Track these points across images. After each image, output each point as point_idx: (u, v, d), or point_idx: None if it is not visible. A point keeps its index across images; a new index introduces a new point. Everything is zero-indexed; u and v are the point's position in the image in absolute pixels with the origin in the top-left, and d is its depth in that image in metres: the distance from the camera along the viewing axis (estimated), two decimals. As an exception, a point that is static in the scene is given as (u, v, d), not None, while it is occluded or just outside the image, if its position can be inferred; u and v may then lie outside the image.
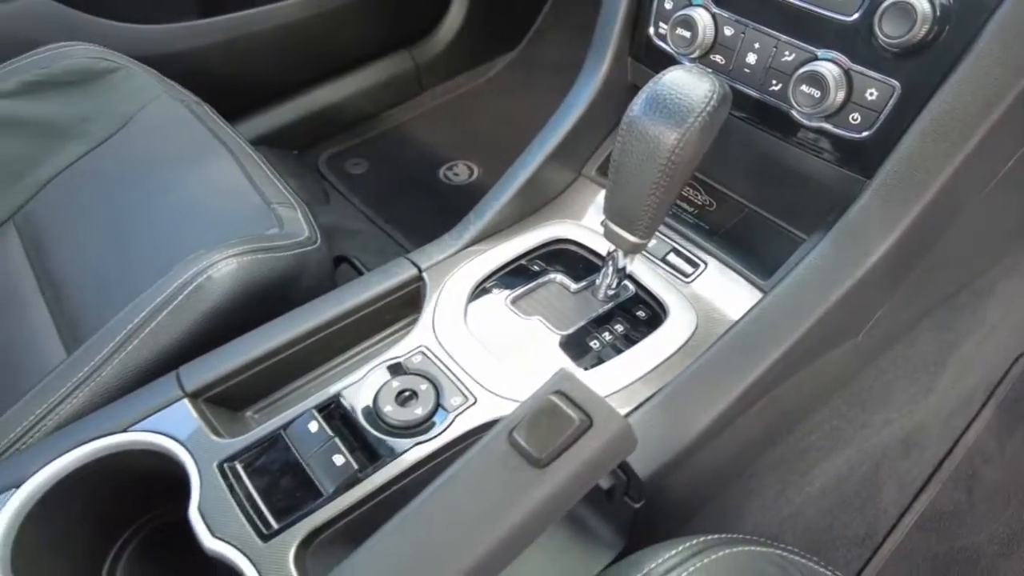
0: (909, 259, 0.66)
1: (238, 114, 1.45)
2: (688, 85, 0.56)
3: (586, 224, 0.79)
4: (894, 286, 0.69)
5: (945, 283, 0.94)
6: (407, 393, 0.60)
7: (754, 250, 0.74)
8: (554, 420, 0.40)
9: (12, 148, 1.02)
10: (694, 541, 0.48)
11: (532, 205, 0.80)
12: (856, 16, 0.58)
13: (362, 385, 0.61)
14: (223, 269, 0.71)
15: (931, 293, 0.92)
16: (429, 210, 1.52)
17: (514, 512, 0.38)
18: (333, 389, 0.61)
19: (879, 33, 0.56)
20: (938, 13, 0.53)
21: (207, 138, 1.00)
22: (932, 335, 1.00)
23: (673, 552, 0.47)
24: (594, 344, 0.67)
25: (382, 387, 0.60)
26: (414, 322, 0.73)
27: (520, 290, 0.72)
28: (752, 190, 0.77)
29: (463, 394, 0.60)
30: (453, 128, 1.70)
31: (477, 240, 0.76)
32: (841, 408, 0.94)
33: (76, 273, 0.88)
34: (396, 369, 0.63)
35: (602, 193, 0.83)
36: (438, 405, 0.59)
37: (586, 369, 0.64)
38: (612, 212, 0.63)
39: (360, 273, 1.31)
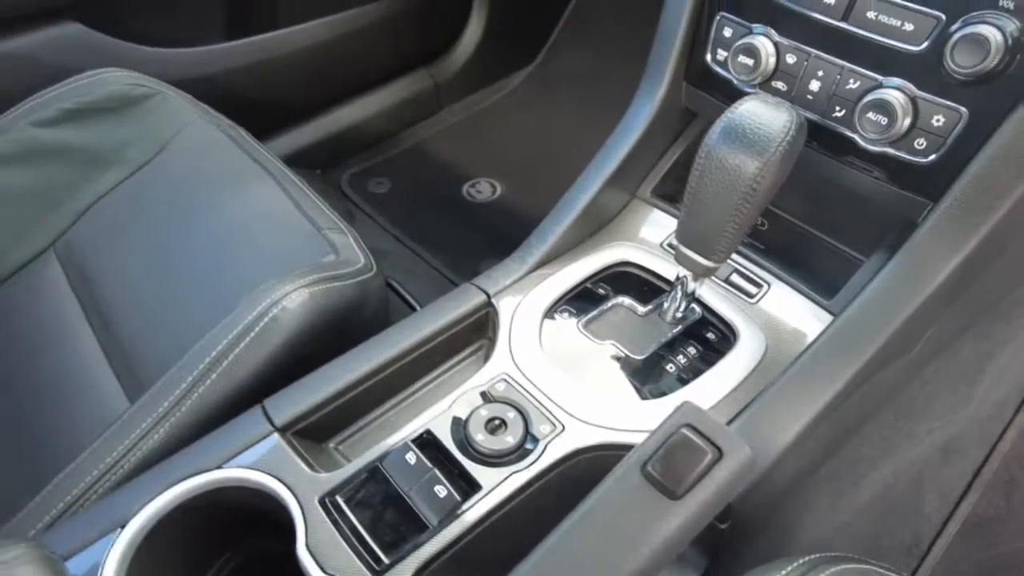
0: (970, 278, 0.68)
1: (262, 135, 1.46)
2: (766, 116, 0.58)
3: (644, 246, 0.81)
4: (952, 303, 0.71)
5: (992, 295, 0.97)
6: (496, 422, 0.61)
7: (812, 270, 0.76)
8: (686, 453, 0.41)
9: (53, 176, 1.02)
10: (800, 561, 0.49)
11: (591, 228, 0.82)
12: (925, 46, 0.60)
13: (450, 414, 0.62)
14: (296, 300, 0.72)
15: (978, 305, 0.94)
16: (455, 227, 1.53)
17: (652, 542, 0.39)
18: (420, 420, 0.62)
19: (950, 63, 0.58)
20: (1010, 43, 0.55)
21: (246, 162, 1.01)
22: (972, 345, 1.02)
23: (783, 573, 0.48)
24: (670, 368, 0.68)
25: (470, 416, 0.61)
26: (483, 347, 0.73)
27: (590, 314, 0.73)
28: (805, 210, 0.79)
29: (551, 421, 0.61)
30: (473, 145, 1.71)
31: (541, 264, 0.77)
32: (889, 419, 0.96)
33: (123, 302, 0.88)
34: (482, 398, 0.64)
35: (657, 214, 0.84)
36: (527, 433, 0.60)
37: (666, 394, 0.65)
38: (687, 237, 0.64)
39: (400, 296, 1.32)
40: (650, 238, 0.82)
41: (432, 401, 0.65)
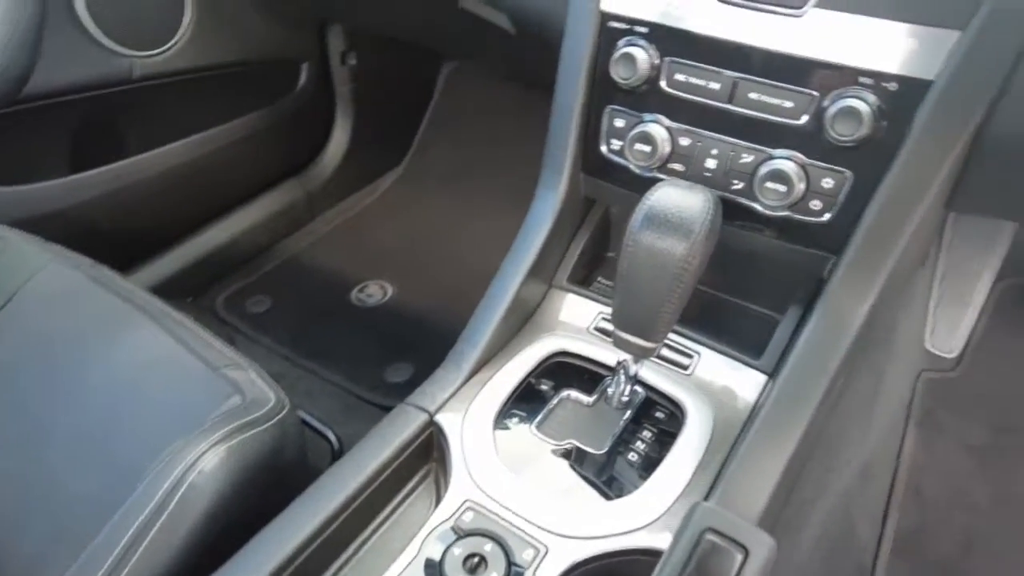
0: (875, 321, 0.73)
1: (125, 269, 1.33)
2: (684, 200, 0.60)
3: (573, 333, 0.80)
4: (865, 346, 0.76)
5: (883, 329, 1.06)
6: (475, 559, 0.56)
7: (735, 333, 0.79)
8: (717, 558, 0.39)
9: None
10: None
11: (517, 324, 0.80)
12: (805, 119, 0.65)
13: (421, 560, 0.56)
14: (212, 460, 0.63)
15: (874, 340, 1.02)
16: (349, 336, 1.46)
17: None
18: (389, 574, 0.56)
19: (831, 132, 0.64)
20: (877, 113, 0.62)
21: (116, 304, 0.90)
22: (865, 372, 1.11)
23: None
24: (632, 456, 0.67)
25: (444, 557, 0.56)
26: (431, 472, 0.68)
27: (540, 415, 0.70)
28: (719, 278, 0.82)
29: (532, 546, 0.57)
30: (353, 250, 1.67)
31: (476, 370, 0.74)
32: (817, 458, 1.00)
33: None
34: (453, 532, 0.58)
35: (576, 299, 0.85)
36: (510, 564, 0.56)
37: (638, 486, 0.63)
38: (624, 322, 0.64)
39: (311, 427, 1.22)
40: (576, 324, 0.82)
41: (395, 547, 0.58)
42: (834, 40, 0.63)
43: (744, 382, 0.73)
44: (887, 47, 0.61)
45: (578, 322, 0.82)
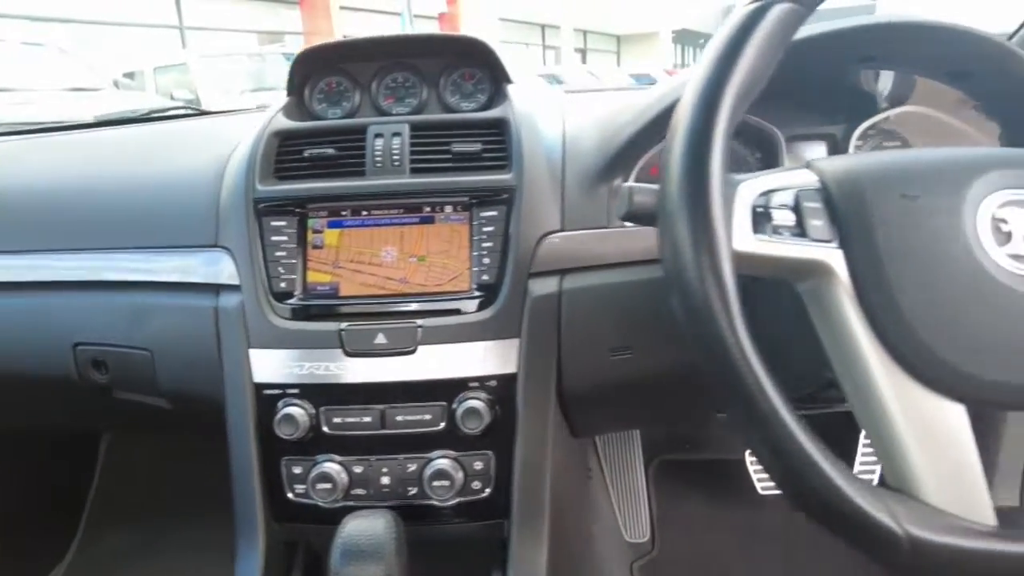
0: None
1: None
2: (372, 527, 0.71)
3: None
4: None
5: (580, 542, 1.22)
6: None
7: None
8: None
9: None
10: None
11: None
12: (443, 425, 0.82)
13: None
14: None
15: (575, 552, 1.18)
16: None
17: None
18: None
19: (463, 429, 0.81)
20: (490, 404, 0.82)
21: None
22: None
23: None
24: None
25: None
26: None
27: None
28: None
29: None
30: None
31: None
32: None
33: None
34: None
35: None
36: None
37: None
38: None
39: None
40: None
41: None
42: (444, 363, 0.83)
43: None
44: (481, 359, 0.82)
45: None
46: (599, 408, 0.95)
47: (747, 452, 1.38)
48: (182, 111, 1.56)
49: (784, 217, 0.56)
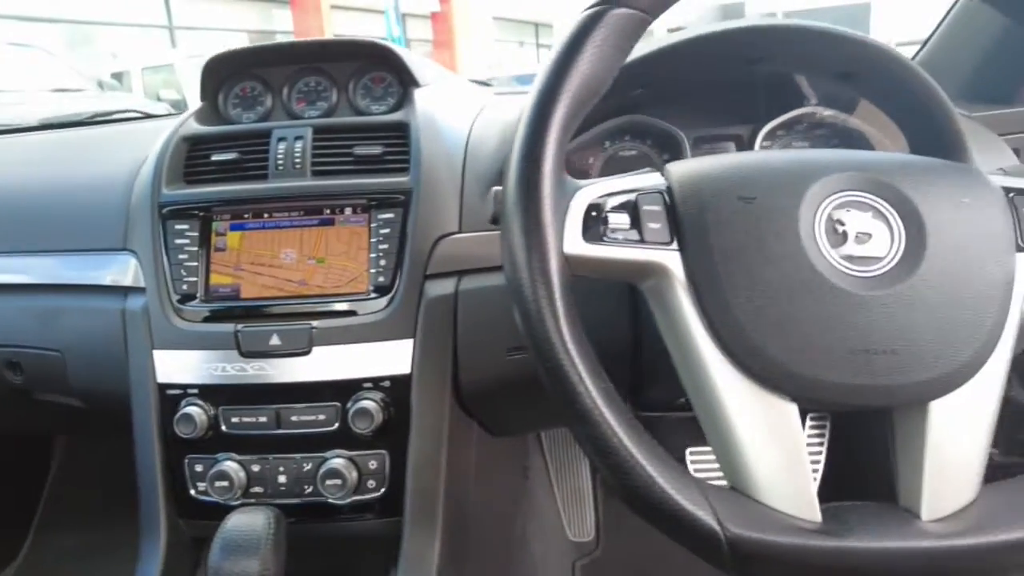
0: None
1: None
2: (249, 523, 0.72)
3: None
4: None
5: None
6: None
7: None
8: None
9: None
10: None
11: None
12: (337, 425, 0.84)
13: None
14: None
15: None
16: None
17: None
18: None
19: (356, 429, 0.82)
20: (383, 405, 0.83)
21: None
22: None
23: None
24: None
25: None
26: None
27: None
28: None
29: None
30: None
31: None
32: None
33: None
34: None
35: None
36: None
37: None
38: None
39: None
40: None
41: None
42: (339, 364, 0.84)
43: None
44: (375, 360, 0.84)
45: None
46: (503, 408, 0.96)
47: (687, 452, 1.39)
48: (127, 115, 1.57)
49: (619, 220, 0.57)
